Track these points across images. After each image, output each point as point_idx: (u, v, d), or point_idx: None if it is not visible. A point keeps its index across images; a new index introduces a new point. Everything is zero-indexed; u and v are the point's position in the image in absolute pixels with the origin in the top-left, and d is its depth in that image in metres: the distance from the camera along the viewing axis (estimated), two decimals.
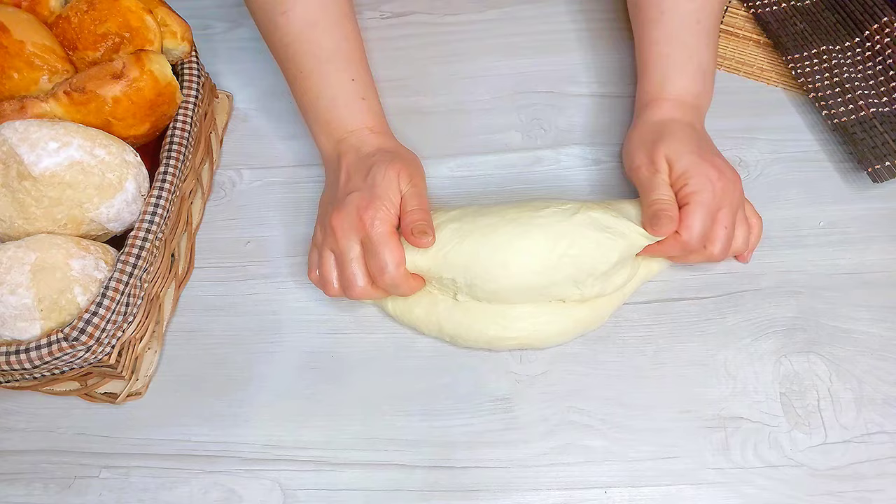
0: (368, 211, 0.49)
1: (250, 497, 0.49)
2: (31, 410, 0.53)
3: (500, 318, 0.51)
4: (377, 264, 0.49)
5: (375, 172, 0.52)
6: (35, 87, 0.52)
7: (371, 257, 0.49)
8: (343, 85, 0.56)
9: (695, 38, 0.57)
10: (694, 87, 0.56)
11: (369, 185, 0.51)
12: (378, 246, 0.49)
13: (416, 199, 0.51)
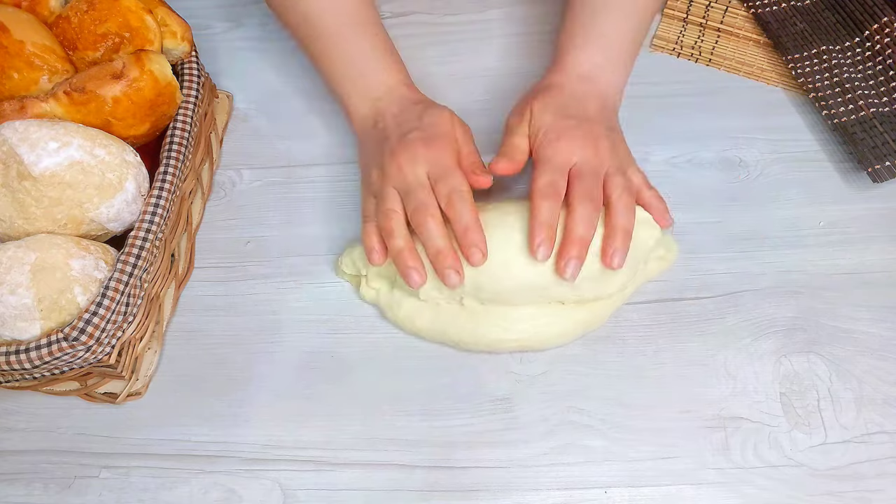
0: (436, 144, 0.51)
1: (250, 497, 0.49)
2: (31, 410, 0.53)
3: (501, 321, 0.51)
4: (447, 187, 0.49)
5: (431, 114, 0.54)
6: (35, 87, 0.52)
7: (442, 184, 0.50)
8: (375, 44, 0.58)
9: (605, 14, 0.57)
10: (593, 58, 0.56)
11: (428, 125, 0.53)
12: (449, 171, 0.50)
13: (470, 143, 0.54)
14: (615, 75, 0.57)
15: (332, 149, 0.64)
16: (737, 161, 0.61)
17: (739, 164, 0.61)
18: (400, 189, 0.51)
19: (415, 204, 0.49)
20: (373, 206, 0.53)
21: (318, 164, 0.63)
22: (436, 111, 0.55)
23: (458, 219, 0.48)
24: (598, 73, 0.56)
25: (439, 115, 0.54)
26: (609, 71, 0.57)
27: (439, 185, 0.50)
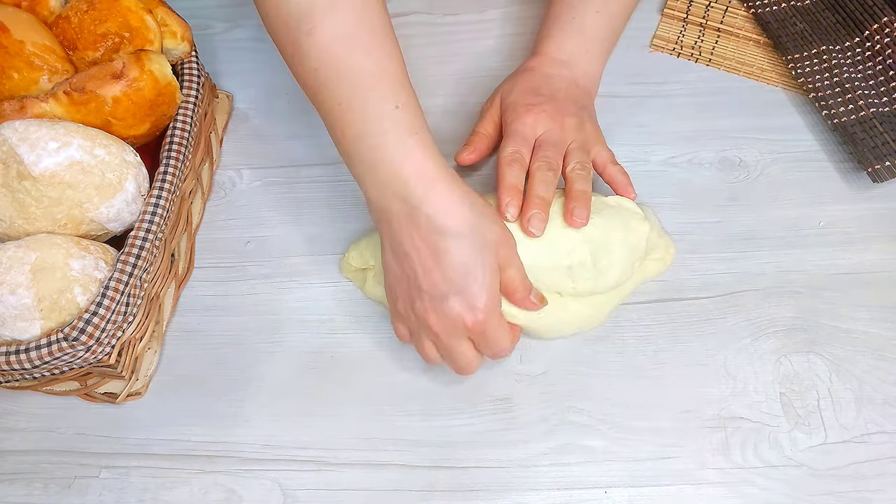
0: (478, 321, 0.45)
1: (250, 497, 0.49)
2: (31, 410, 0.53)
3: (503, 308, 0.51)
4: (493, 350, 0.47)
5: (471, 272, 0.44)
6: (35, 87, 0.52)
7: (485, 346, 0.47)
8: (391, 117, 0.45)
9: (582, 8, 0.60)
10: (568, 45, 0.59)
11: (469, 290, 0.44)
12: (493, 339, 0.46)
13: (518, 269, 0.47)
14: (590, 65, 0.59)
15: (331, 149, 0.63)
16: (736, 161, 0.61)
17: (739, 164, 0.61)
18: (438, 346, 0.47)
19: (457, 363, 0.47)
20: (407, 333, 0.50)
21: (318, 164, 0.63)
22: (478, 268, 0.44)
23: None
24: (572, 61, 0.59)
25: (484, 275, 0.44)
26: (584, 60, 0.59)
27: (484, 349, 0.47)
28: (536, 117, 0.54)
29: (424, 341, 0.48)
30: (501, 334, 0.47)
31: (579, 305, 0.52)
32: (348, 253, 0.56)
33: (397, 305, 0.48)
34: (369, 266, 0.55)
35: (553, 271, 0.50)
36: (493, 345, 0.47)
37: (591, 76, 0.59)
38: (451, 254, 0.44)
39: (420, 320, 0.46)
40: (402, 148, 0.44)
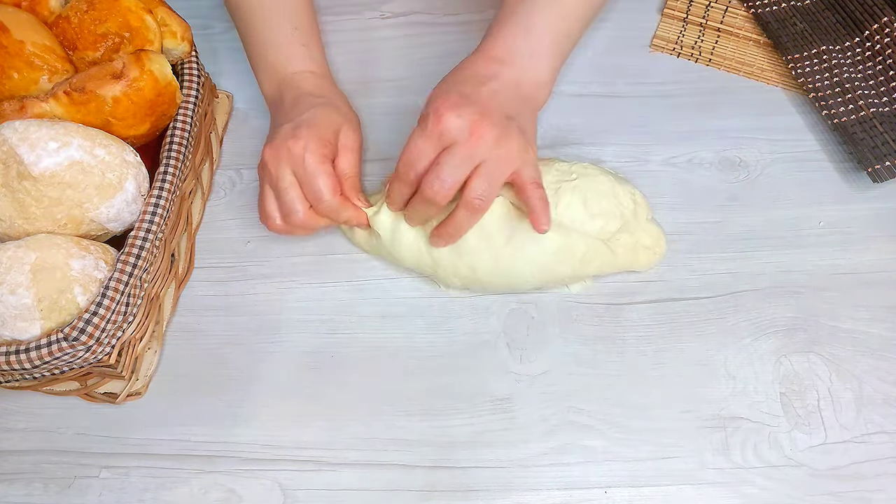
0: (299, 140, 0.51)
1: (250, 497, 0.49)
2: (31, 410, 0.53)
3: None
4: (311, 192, 0.51)
5: (315, 109, 0.54)
6: (35, 87, 0.52)
7: (305, 185, 0.51)
8: (286, 32, 0.59)
9: (534, 6, 0.54)
10: (511, 44, 0.52)
11: (303, 120, 0.53)
12: (310, 174, 0.51)
13: (353, 153, 0.54)
14: (534, 64, 0.52)
15: None
16: (737, 161, 0.61)
17: (739, 164, 0.61)
18: (272, 187, 0.53)
19: (284, 205, 0.52)
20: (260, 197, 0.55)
21: None
22: (323, 108, 0.54)
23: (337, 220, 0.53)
24: (513, 58, 0.52)
25: (319, 111, 0.54)
26: (527, 57, 0.52)
27: (305, 190, 0.52)
28: (449, 122, 0.47)
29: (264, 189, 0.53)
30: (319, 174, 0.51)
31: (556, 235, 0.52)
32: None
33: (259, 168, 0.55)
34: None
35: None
36: (310, 182, 0.51)
37: (537, 81, 0.53)
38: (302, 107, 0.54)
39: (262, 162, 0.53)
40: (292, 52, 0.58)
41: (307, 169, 0.51)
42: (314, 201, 0.52)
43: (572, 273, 0.53)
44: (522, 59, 0.52)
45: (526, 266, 0.52)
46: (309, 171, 0.51)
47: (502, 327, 0.54)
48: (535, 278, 0.53)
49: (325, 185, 0.51)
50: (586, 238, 0.53)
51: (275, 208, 0.53)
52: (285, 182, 0.51)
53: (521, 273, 0.53)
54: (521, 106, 0.51)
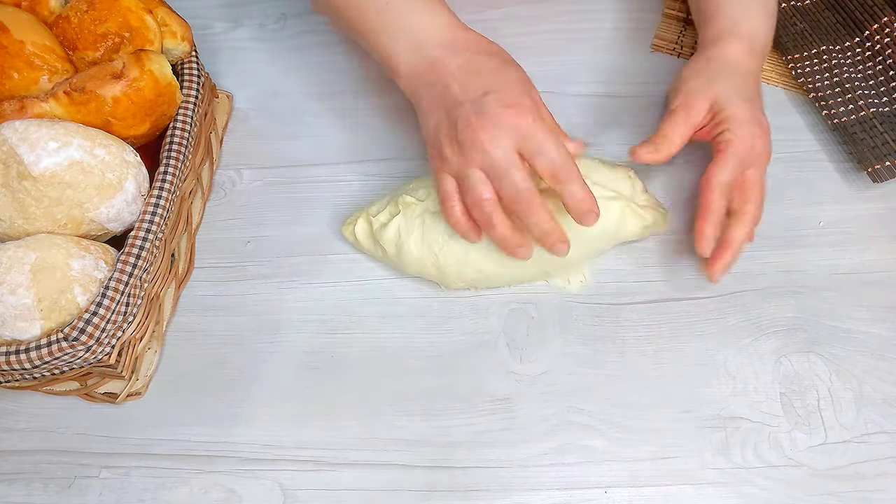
0: (521, 109, 0.44)
1: (250, 497, 0.49)
2: (31, 410, 0.53)
3: None
4: (547, 159, 0.44)
5: (505, 70, 0.47)
6: (35, 87, 0.52)
7: (537, 155, 0.44)
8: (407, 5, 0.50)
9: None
10: (764, 31, 0.54)
11: (504, 84, 0.46)
12: (545, 139, 0.44)
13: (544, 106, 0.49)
14: (769, 43, 0.55)
15: (331, 149, 0.64)
16: None
17: None
18: (488, 171, 0.45)
19: (511, 192, 0.45)
20: (453, 187, 0.47)
21: (318, 164, 0.63)
22: (509, 66, 0.48)
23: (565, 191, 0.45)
24: (763, 48, 0.54)
25: (515, 71, 0.48)
26: (768, 40, 0.55)
27: (537, 161, 0.45)
28: (761, 143, 0.50)
29: (472, 177, 0.45)
30: (553, 137, 0.44)
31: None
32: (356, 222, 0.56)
33: (442, 150, 0.47)
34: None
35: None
36: (544, 147, 0.44)
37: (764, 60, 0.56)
38: (482, 64, 0.47)
39: (464, 145, 0.45)
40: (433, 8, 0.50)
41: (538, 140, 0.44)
42: (550, 170, 0.44)
43: (604, 239, 0.53)
44: (766, 45, 0.55)
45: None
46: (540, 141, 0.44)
47: (502, 327, 0.54)
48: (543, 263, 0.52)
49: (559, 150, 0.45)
50: (609, 202, 0.52)
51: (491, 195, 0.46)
52: (510, 158, 0.44)
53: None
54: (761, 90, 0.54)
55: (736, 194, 0.51)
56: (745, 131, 0.50)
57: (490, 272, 0.53)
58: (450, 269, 0.53)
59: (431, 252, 0.53)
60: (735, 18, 0.55)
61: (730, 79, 0.52)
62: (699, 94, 0.52)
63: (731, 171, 0.50)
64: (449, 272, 0.53)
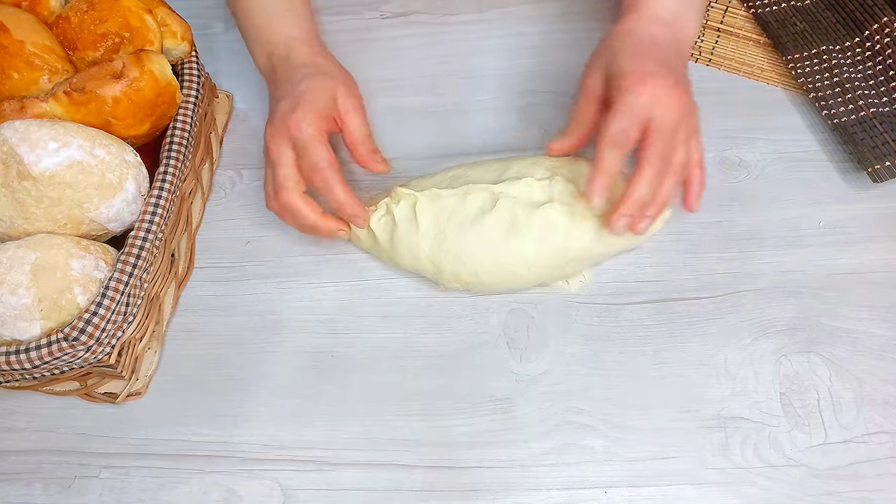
0: (295, 114, 0.50)
1: (250, 497, 0.49)
2: (31, 410, 0.53)
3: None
4: (308, 164, 0.50)
5: (306, 81, 0.53)
6: (35, 87, 0.52)
7: (301, 159, 0.51)
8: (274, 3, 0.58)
9: None
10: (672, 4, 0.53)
11: (299, 93, 0.52)
12: (307, 147, 0.50)
13: (358, 116, 0.53)
14: (689, 23, 0.54)
15: None
16: (737, 161, 0.61)
17: (739, 164, 0.61)
18: (270, 167, 0.52)
19: (277, 180, 0.51)
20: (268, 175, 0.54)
21: None
22: (315, 78, 0.53)
23: (329, 199, 0.52)
24: (672, 19, 0.53)
25: (316, 82, 0.53)
26: (683, 17, 0.53)
27: (303, 164, 0.51)
28: (654, 92, 0.47)
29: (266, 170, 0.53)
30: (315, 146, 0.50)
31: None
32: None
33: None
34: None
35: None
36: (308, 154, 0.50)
37: (690, 38, 0.54)
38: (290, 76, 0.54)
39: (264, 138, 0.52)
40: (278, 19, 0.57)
41: (303, 143, 0.50)
42: (310, 173, 0.51)
43: (581, 257, 0.53)
44: (680, 19, 0.53)
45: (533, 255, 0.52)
46: (305, 145, 0.50)
47: (502, 327, 0.54)
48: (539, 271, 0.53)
49: (322, 159, 0.50)
50: (587, 217, 0.52)
51: (271, 187, 0.53)
52: (282, 158, 0.51)
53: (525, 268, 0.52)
54: (685, 66, 0.53)
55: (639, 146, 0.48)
56: (632, 80, 0.47)
57: (485, 279, 0.53)
58: (446, 268, 0.53)
59: (422, 244, 0.53)
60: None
61: (622, 44, 0.51)
62: (592, 69, 0.52)
63: (622, 122, 0.47)
64: (445, 271, 0.53)
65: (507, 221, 0.52)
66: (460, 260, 0.52)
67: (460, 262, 0.52)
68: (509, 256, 0.52)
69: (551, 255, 0.52)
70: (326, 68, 0.56)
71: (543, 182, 0.53)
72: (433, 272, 0.54)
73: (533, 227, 0.51)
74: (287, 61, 0.56)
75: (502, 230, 0.51)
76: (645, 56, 0.49)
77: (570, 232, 0.52)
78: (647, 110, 0.47)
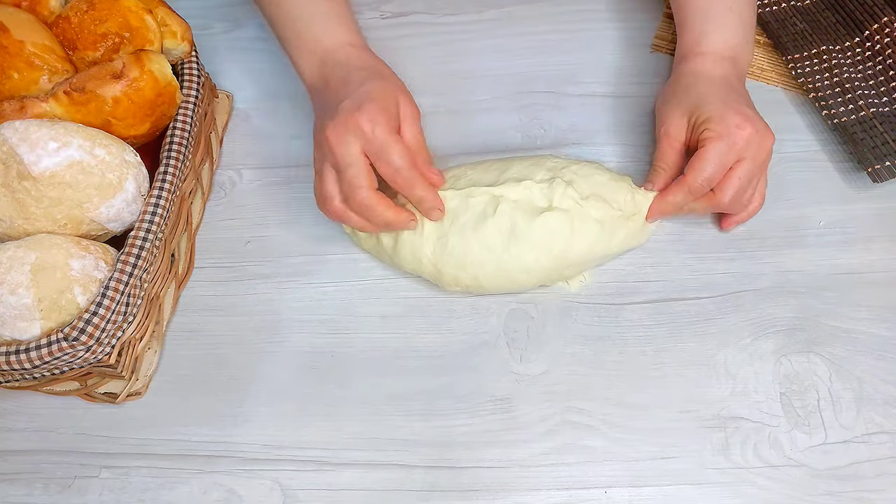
0: (363, 114, 0.48)
1: (250, 497, 0.49)
2: (31, 410, 0.53)
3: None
4: (387, 162, 0.48)
5: (370, 83, 0.51)
6: (35, 87, 0.52)
7: (378, 159, 0.49)
8: (320, 6, 0.57)
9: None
10: (733, 38, 0.55)
11: (364, 93, 0.50)
12: (385, 145, 0.48)
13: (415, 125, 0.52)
14: (746, 55, 0.56)
15: None
16: None
17: None
18: (334, 166, 0.50)
19: (346, 181, 0.49)
20: (319, 181, 0.52)
21: None
22: (377, 81, 0.52)
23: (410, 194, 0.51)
24: (732, 54, 0.55)
25: (379, 85, 0.51)
26: (740, 49, 0.55)
27: (378, 164, 0.49)
28: (747, 139, 0.49)
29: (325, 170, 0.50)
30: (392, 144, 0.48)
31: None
32: None
33: (315, 152, 0.53)
34: None
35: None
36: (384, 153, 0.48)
37: (748, 66, 0.57)
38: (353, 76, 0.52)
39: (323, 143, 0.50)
40: (330, 25, 0.56)
41: (379, 142, 0.48)
42: (391, 176, 0.49)
43: (581, 262, 0.53)
44: (744, 53, 0.56)
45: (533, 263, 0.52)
46: (382, 144, 0.48)
47: (502, 327, 0.54)
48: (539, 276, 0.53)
49: (401, 157, 0.49)
50: (586, 221, 0.52)
51: (335, 189, 0.50)
52: (351, 158, 0.48)
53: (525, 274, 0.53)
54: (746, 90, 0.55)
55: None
56: (720, 126, 0.49)
57: (485, 282, 0.53)
58: (446, 271, 0.53)
59: (427, 246, 0.53)
60: (699, 32, 0.56)
61: (699, 87, 0.53)
62: (674, 114, 0.53)
63: (713, 165, 0.50)
64: (445, 274, 0.53)
65: (508, 228, 0.52)
66: (462, 265, 0.52)
67: (462, 266, 0.52)
68: (510, 263, 0.52)
69: (551, 261, 0.52)
70: (387, 74, 0.55)
71: (543, 185, 0.53)
72: (434, 275, 0.54)
73: (533, 234, 0.51)
74: (344, 64, 0.54)
75: (503, 237, 0.51)
76: (728, 99, 0.52)
77: (569, 239, 0.52)
78: (739, 153, 0.50)
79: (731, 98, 0.52)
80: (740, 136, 0.49)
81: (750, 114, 0.51)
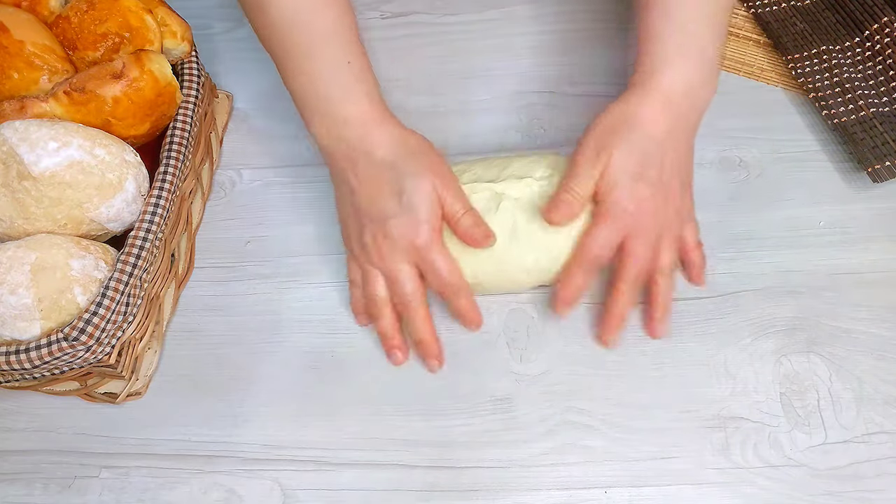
0: (419, 238, 0.49)
1: (250, 497, 0.49)
2: (31, 410, 0.53)
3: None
4: (439, 280, 0.50)
5: (410, 192, 0.49)
6: (35, 87, 0.52)
7: (429, 273, 0.50)
8: (340, 68, 0.52)
9: (696, 24, 0.50)
10: (689, 75, 0.49)
11: (407, 208, 0.49)
12: (436, 262, 0.49)
13: (459, 202, 0.50)
14: (706, 89, 0.50)
15: None
16: (737, 161, 0.61)
17: (739, 164, 0.61)
18: (385, 276, 0.51)
19: (400, 298, 0.51)
20: (359, 276, 0.53)
21: (319, 164, 0.63)
22: (414, 187, 0.49)
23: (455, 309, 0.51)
24: (687, 89, 0.49)
25: (420, 194, 0.49)
26: (699, 84, 0.50)
27: (429, 277, 0.50)
28: (641, 206, 0.48)
29: (373, 276, 0.51)
30: (443, 259, 0.49)
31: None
32: None
33: (350, 242, 0.53)
34: None
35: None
36: (436, 268, 0.49)
37: (702, 110, 0.51)
38: (384, 178, 0.49)
39: (368, 249, 0.51)
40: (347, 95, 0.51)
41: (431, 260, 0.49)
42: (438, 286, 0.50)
43: None
44: (702, 91, 0.50)
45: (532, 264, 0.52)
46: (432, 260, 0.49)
47: (502, 327, 0.54)
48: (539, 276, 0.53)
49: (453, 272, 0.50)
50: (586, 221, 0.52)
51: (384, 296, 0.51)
52: (404, 273, 0.50)
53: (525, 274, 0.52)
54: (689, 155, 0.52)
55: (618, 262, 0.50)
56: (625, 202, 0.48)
57: (485, 281, 0.53)
58: None
59: None
60: (659, 60, 0.50)
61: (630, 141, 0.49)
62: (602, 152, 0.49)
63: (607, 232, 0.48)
64: None
65: (509, 227, 0.51)
66: (462, 263, 0.52)
67: (462, 265, 0.52)
68: (509, 264, 0.52)
69: (551, 261, 0.52)
70: (414, 149, 0.51)
71: (543, 182, 0.53)
72: None
73: (533, 235, 0.51)
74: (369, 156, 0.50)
75: (504, 237, 0.51)
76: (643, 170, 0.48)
77: (568, 240, 0.52)
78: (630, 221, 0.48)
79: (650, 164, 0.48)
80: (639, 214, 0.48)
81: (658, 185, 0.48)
